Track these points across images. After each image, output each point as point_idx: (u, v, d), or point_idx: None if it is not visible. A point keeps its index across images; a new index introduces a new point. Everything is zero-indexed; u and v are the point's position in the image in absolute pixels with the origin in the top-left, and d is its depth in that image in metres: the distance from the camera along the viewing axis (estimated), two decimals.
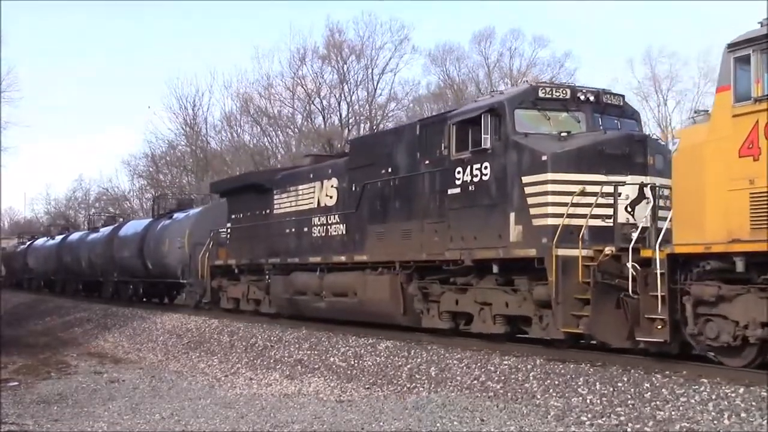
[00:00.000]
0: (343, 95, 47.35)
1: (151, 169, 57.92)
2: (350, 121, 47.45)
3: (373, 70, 47.43)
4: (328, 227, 17.58)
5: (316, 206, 18.15)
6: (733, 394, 8.51)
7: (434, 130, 14.30)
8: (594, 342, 11.96)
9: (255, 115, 49.17)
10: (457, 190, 13.41)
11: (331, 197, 17.60)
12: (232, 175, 48.11)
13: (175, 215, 28.49)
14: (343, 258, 16.57)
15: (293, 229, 18.95)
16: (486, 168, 12.85)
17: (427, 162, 14.39)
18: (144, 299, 31.36)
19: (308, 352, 15.03)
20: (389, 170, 15.46)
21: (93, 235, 37.22)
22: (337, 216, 17.23)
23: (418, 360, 12.66)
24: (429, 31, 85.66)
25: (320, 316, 17.75)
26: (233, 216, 22.39)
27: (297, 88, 47.59)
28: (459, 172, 13.35)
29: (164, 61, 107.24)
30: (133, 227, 32.24)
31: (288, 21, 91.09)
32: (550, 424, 8.90)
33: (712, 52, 43.46)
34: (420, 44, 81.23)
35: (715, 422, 8.01)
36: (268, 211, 20.32)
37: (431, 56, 49.26)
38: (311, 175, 18.67)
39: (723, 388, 8.75)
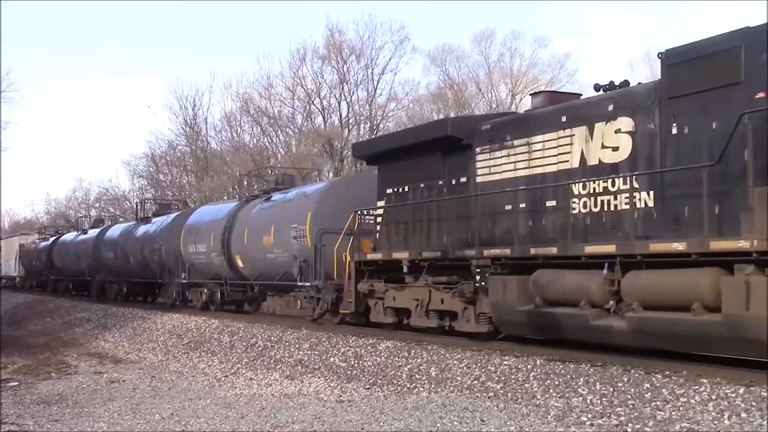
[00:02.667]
0: (343, 95, 47.37)
1: (151, 169, 58.03)
2: (350, 121, 47.47)
3: (373, 70, 47.46)
4: (611, 198, 11.44)
5: (576, 165, 12.07)
6: (733, 394, 8.50)
7: None
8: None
9: (255, 115, 49.20)
10: None
11: (615, 149, 11.51)
12: (232, 173, 48.22)
13: (275, 196, 21.48)
14: (678, 246, 10.08)
15: (523, 204, 12.76)
16: None
17: None
18: (224, 307, 24.24)
19: (308, 352, 15.02)
20: None
21: (145, 227, 30.09)
22: (635, 179, 11.08)
23: (418, 360, 12.66)
24: (429, 32, 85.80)
25: (613, 342, 11.46)
26: (391, 190, 16.00)
27: (297, 88, 47.67)
28: None
29: (164, 61, 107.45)
30: (209, 213, 24.89)
31: (288, 21, 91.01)
32: (550, 425, 8.89)
33: None
34: (420, 44, 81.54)
35: (716, 422, 8.00)
36: (464, 178, 14.08)
37: (431, 56, 49.29)
38: (563, 119, 12.39)
39: (723, 388, 8.74)
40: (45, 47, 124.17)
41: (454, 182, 14.39)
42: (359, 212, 16.88)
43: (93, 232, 37.20)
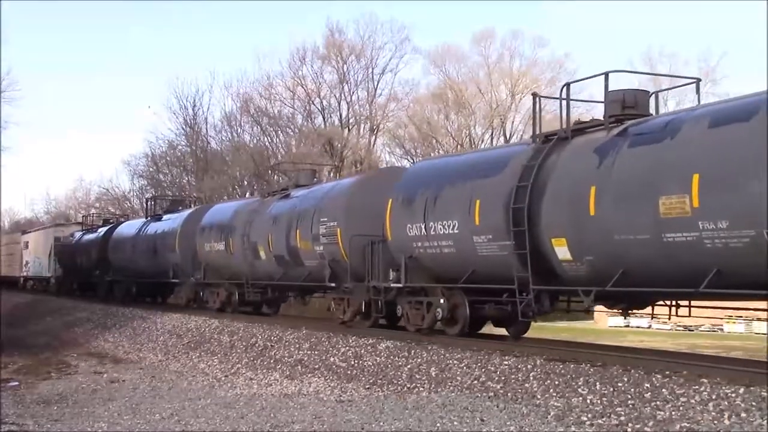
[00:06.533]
0: (343, 95, 47.38)
1: (151, 169, 58.01)
2: (350, 121, 47.48)
3: (373, 70, 47.46)
4: None
5: None
6: (733, 394, 8.50)
7: None
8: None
9: (255, 115, 49.20)
10: None
11: None
12: (232, 173, 48.11)
13: (645, 124, 10.76)
14: None
15: None
16: None
17: None
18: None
19: (308, 352, 15.01)
20: None
21: (283, 204, 19.58)
22: None
23: (418, 360, 12.65)
24: (429, 32, 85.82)
25: None
26: None
27: (297, 88, 47.68)
28: None
29: (165, 61, 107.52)
30: (458, 167, 14.27)
31: (288, 21, 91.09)
32: (550, 424, 8.89)
33: (712, 52, 43.40)
34: (420, 44, 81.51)
35: (715, 422, 8.00)
36: None
37: (431, 56, 49.25)
38: None
39: (723, 388, 8.74)
40: (45, 47, 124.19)
41: None
42: None
43: (174, 218, 26.91)
